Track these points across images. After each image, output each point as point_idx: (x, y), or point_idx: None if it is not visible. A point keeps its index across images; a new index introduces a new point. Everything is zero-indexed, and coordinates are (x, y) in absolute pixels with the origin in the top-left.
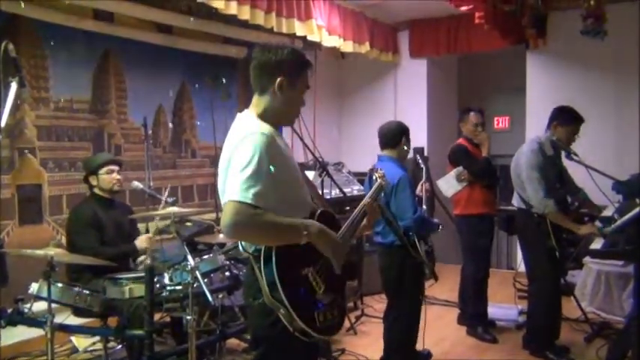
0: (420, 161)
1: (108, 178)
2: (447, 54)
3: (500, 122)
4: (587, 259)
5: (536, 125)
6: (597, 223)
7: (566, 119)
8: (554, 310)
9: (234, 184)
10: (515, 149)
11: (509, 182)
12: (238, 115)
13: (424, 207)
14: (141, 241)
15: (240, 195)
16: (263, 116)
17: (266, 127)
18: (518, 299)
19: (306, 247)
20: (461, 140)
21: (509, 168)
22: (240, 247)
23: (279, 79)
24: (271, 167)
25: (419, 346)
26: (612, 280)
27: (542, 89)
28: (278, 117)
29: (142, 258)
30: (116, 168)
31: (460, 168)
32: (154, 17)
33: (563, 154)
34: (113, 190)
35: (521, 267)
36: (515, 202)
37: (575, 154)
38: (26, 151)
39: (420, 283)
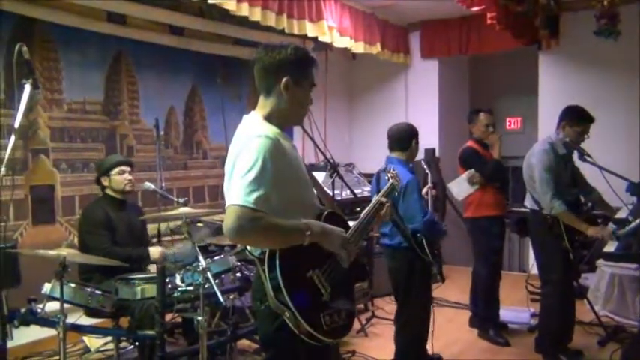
0: (425, 167)
1: (120, 178)
2: (459, 55)
3: (512, 123)
4: (600, 262)
5: (548, 126)
6: (611, 225)
7: (575, 119)
8: (567, 312)
9: (236, 188)
10: (528, 151)
11: (522, 184)
12: (244, 117)
13: (430, 210)
14: (154, 252)
15: (242, 199)
16: (269, 118)
17: (271, 130)
18: (530, 302)
19: (311, 248)
20: (470, 143)
21: (521, 169)
22: (247, 250)
23: (284, 79)
24: (275, 170)
25: (429, 349)
26: (626, 283)
27: (555, 90)
28: (285, 118)
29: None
30: (128, 169)
31: (472, 171)
32: (165, 19)
33: (575, 154)
34: (125, 191)
35: (534, 269)
36: (528, 203)
37: (589, 155)
38: (40, 152)
39: (429, 284)
